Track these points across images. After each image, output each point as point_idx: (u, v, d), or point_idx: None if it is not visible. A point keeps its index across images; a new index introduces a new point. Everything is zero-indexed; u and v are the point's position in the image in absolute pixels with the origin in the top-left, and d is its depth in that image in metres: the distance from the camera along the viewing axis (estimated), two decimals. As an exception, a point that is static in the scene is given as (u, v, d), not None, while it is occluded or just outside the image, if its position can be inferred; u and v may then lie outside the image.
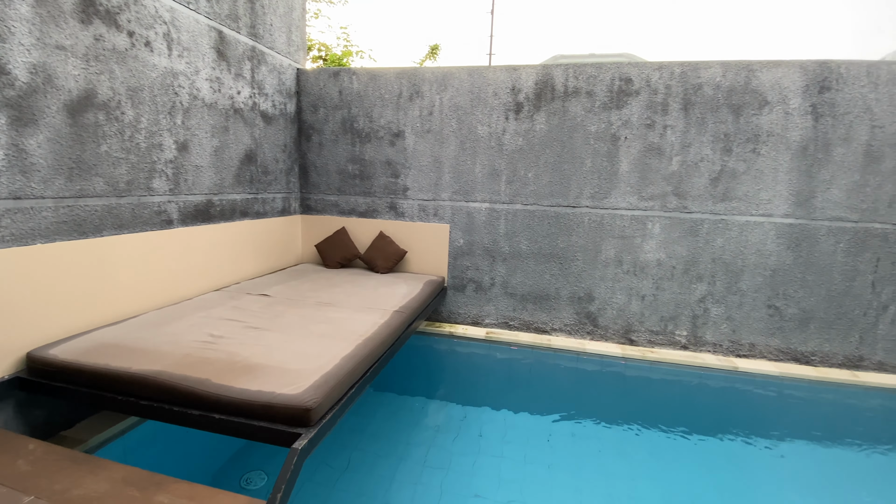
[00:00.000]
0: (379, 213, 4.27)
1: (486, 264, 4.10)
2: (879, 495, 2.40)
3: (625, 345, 3.89)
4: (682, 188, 3.64)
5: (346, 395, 1.92)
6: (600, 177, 3.77)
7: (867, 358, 3.53)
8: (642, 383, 3.58)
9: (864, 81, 3.27)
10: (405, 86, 4.03)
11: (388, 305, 2.93)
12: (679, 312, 3.79)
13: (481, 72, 3.87)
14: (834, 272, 3.48)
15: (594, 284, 3.91)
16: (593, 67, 3.66)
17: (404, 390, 3.35)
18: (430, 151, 4.06)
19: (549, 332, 4.07)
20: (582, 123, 3.74)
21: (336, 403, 1.83)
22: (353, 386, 2.00)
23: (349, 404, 1.96)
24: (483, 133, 3.93)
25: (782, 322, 3.61)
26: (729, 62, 3.44)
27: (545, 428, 2.90)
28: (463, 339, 3.97)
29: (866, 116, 3.29)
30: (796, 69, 3.34)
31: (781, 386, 3.43)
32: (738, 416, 3.19)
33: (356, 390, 2.01)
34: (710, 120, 3.51)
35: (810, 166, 3.40)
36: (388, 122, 4.12)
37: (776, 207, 3.50)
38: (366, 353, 2.13)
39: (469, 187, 4.03)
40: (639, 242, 3.78)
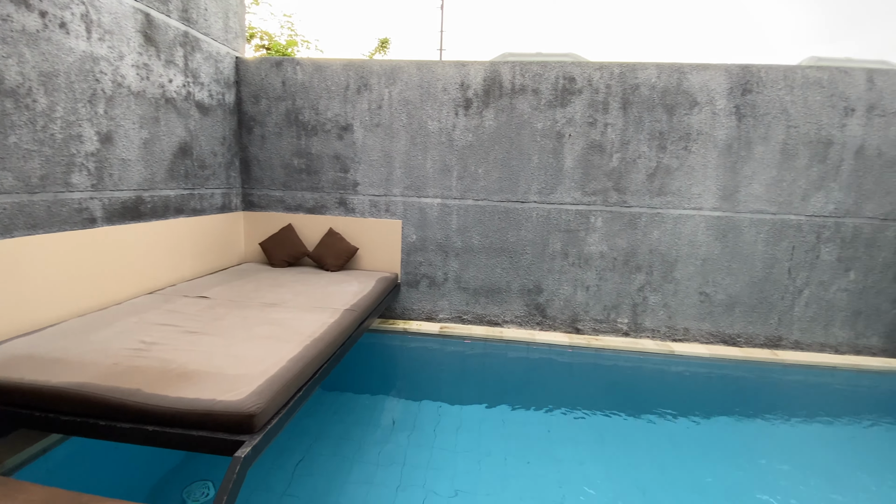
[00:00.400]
0: (328, 208, 4.16)
1: (439, 259, 4.11)
2: (797, 463, 2.66)
3: (571, 334, 4.05)
4: (621, 183, 3.82)
5: (294, 399, 1.85)
6: (547, 173, 3.88)
7: (785, 338, 3.90)
8: (588, 370, 3.74)
9: (781, 85, 3.58)
10: (352, 78, 3.94)
11: (339, 304, 2.87)
12: (620, 301, 3.99)
13: (430, 66, 3.85)
14: (756, 260, 3.80)
15: (542, 277, 4.03)
16: (539, 66, 3.74)
17: (358, 389, 3.29)
18: (380, 146, 4.00)
19: (501, 325, 4.15)
20: (529, 120, 3.82)
21: (282, 407, 1.77)
22: (302, 388, 1.93)
23: (297, 407, 1.90)
24: (433, 128, 3.92)
25: (712, 307, 3.91)
26: (663, 64, 3.64)
27: (499, 418, 2.97)
28: (417, 335, 3.97)
29: (783, 117, 3.61)
30: (722, 72, 3.60)
31: (712, 366, 3.71)
32: (675, 396, 3.42)
33: (304, 393, 1.95)
34: (646, 119, 3.71)
35: (735, 163, 3.69)
36: (336, 115, 4.00)
37: (705, 201, 3.76)
38: (314, 353, 2.07)
39: (421, 182, 4.01)
40: (583, 236, 3.93)
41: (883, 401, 3.44)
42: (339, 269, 4.00)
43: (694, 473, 2.48)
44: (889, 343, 3.82)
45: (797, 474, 2.50)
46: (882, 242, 3.68)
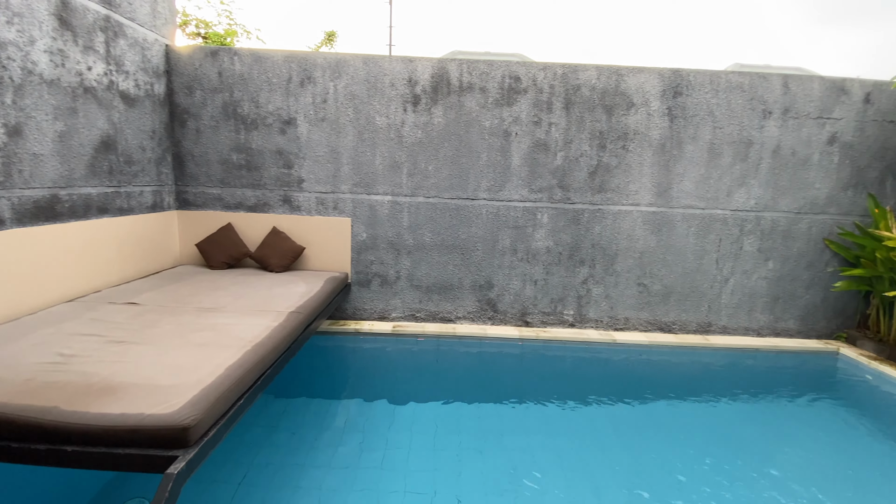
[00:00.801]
0: (271, 206, 3.98)
1: (391, 258, 4.06)
2: (727, 439, 2.88)
3: (521, 327, 4.16)
4: (565, 181, 3.96)
5: (234, 408, 1.76)
6: (495, 170, 3.94)
7: (714, 323, 4.21)
8: (538, 361, 3.85)
9: (707, 88, 3.85)
10: (295, 70, 3.79)
11: (284, 306, 2.76)
12: (566, 294, 4.14)
13: (377, 61, 3.79)
14: (687, 252, 4.08)
15: (493, 272, 4.10)
16: (485, 64, 3.79)
17: (308, 394, 3.19)
18: (326, 141, 3.88)
19: (454, 321, 4.18)
20: (477, 118, 3.86)
21: (221, 418, 1.67)
22: (243, 396, 1.84)
23: (238, 417, 1.80)
24: (382, 124, 3.86)
25: (649, 297, 4.15)
26: (602, 66, 3.80)
27: (453, 414, 2.98)
28: (369, 335, 3.90)
29: (709, 119, 3.88)
30: (655, 75, 3.81)
31: (650, 353, 3.94)
32: (618, 383, 3.61)
33: (247, 401, 1.85)
34: (587, 119, 3.86)
35: (667, 161, 3.93)
36: (278, 109, 3.84)
37: (642, 198, 3.98)
38: (256, 359, 1.97)
39: (370, 179, 3.94)
40: (530, 232, 4.04)
41: (799, 378, 3.81)
42: (285, 269, 3.85)
43: (635, 455, 2.63)
44: (803, 325, 4.23)
45: (728, 450, 2.72)
46: (796, 234, 4.07)
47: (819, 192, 4.00)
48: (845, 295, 4.19)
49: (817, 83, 3.85)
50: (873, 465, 2.68)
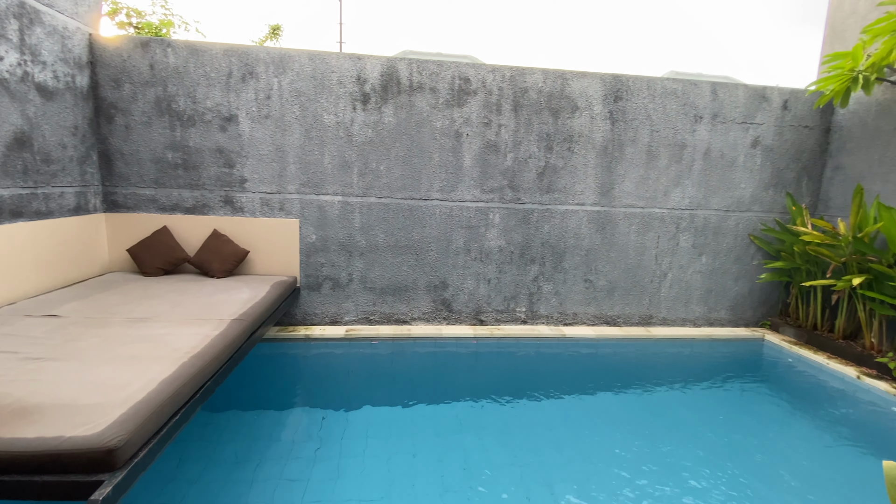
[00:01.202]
0: (211, 208, 3.77)
1: (342, 260, 3.96)
2: (672, 424, 3.05)
3: (476, 325, 4.20)
4: (515, 182, 4.04)
5: (169, 425, 1.64)
6: (447, 171, 3.95)
7: (655, 316, 4.46)
8: (492, 359, 3.91)
9: (645, 94, 4.06)
10: (235, 65, 3.61)
11: (226, 314, 2.61)
12: (518, 292, 4.23)
13: (324, 57, 3.68)
14: (629, 249, 4.29)
15: (447, 272, 4.11)
16: (435, 64, 3.79)
17: (255, 405, 3.04)
18: (270, 139, 3.72)
19: (409, 322, 4.15)
20: (428, 119, 3.85)
21: (154, 436, 1.55)
22: (179, 412, 1.72)
23: (174, 433, 1.68)
24: (330, 122, 3.76)
25: (595, 293, 4.32)
26: (548, 70, 3.91)
27: (409, 416, 2.95)
28: (321, 341, 3.79)
29: (647, 122, 4.10)
30: (598, 80, 3.98)
31: (598, 346, 4.11)
32: (568, 376, 3.72)
33: (184, 416, 1.73)
34: (535, 121, 3.96)
35: (610, 163, 4.11)
36: (217, 105, 3.64)
37: (587, 197, 4.14)
38: (193, 372, 1.85)
39: (319, 179, 3.82)
40: (483, 231, 4.09)
41: (731, 364, 4.11)
42: (228, 274, 3.66)
43: (586, 446, 2.72)
44: (733, 315, 4.57)
45: (671, 435, 2.88)
46: (725, 230, 4.39)
47: (744, 191, 4.34)
48: (769, 286, 4.57)
49: (742, 90, 4.17)
50: (793, 439, 2.94)
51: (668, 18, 55.20)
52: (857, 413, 3.23)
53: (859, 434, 2.96)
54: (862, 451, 2.77)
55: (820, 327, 4.17)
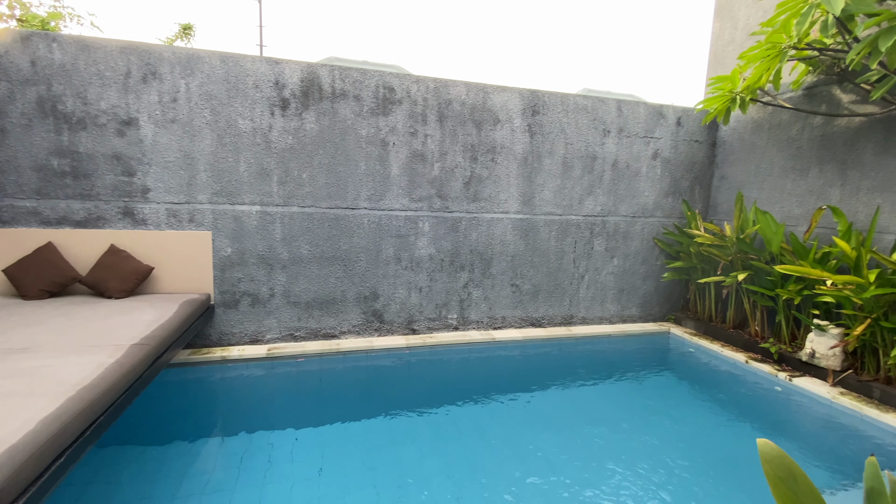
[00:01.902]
0: (107, 221, 3.37)
1: (262, 274, 3.74)
2: (598, 418, 3.23)
3: (409, 335, 4.17)
4: (443, 190, 4.10)
5: (53, 468, 1.42)
6: (375, 179, 3.91)
7: (575, 315, 4.74)
8: (425, 368, 3.89)
9: (559, 109, 4.34)
10: (135, 64, 3.29)
11: (124, 339, 2.34)
12: (449, 299, 4.28)
13: (238, 60, 3.48)
14: (550, 254, 4.53)
15: (378, 283, 4.04)
16: (358, 72, 3.74)
17: (163, 437, 2.74)
18: (177, 145, 3.43)
19: (338, 336, 4.01)
20: (353, 126, 3.79)
21: (34, 483, 1.33)
22: (65, 453, 1.50)
23: (60, 477, 1.46)
24: (246, 128, 3.55)
25: (521, 296, 4.50)
26: (470, 83, 4.04)
27: (340, 435, 2.83)
28: (239, 362, 3.53)
29: (562, 136, 4.38)
30: (517, 95, 4.18)
31: (525, 347, 4.27)
32: (499, 380, 3.82)
33: (70, 457, 1.51)
34: (460, 132, 4.06)
35: (530, 173, 4.33)
36: (113, 107, 3.28)
37: (511, 206, 4.32)
38: (83, 407, 1.62)
39: (234, 188, 3.58)
40: (413, 240, 4.09)
41: (642, 356, 4.48)
42: (128, 294, 3.29)
43: (518, 446, 2.80)
44: (643, 311, 5.00)
45: (593, 426, 3.05)
46: (633, 235, 4.80)
47: (648, 198, 4.79)
48: (671, 283, 5.07)
49: (643, 108, 4.62)
50: (696, 418, 3.26)
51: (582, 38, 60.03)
52: (746, 393, 3.67)
53: (748, 412, 3.36)
54: (752, 427, 3.15)
55: (715, 319, 4.70)
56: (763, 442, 0.93)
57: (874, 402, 3.14)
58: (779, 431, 3.11)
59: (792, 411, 3.39)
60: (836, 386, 3.40)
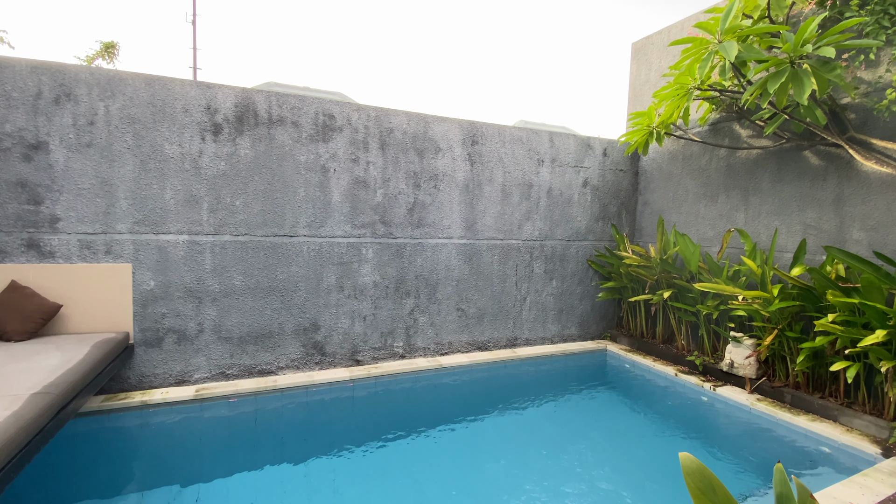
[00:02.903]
0: (7, 254, 3.01)
1: (190, 308, 3.48)
2: (544, 438, 3.27)
3: (352, 367, 4.03)
4: (387, 217, 4.09)
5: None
6: (315, 206, 3.82)
7: (519, 337, 4.83)
8: (370, 400, 3.77)
9: (497, 140, 4.53)
10: (47, 85, 3.03)
11: (23, 387, 2.06)
12: (395, 326, 4.21)
13: (165, 83, 3.32)
14: (493, 277, 4.63)
15: (319, 313, 3.90)
16: (296, 99, 3.70)
17: (70, 499, 2.41)
18: (93, 171, 3.16)
19: (276, 372, 3.79)
20: (291, 153, 3.71)
21: None
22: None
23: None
24: (173, 153, 3.36)
25: (467, 320, 4.53)
26: (411, 113, 4.12)
27: (276, 479, 2.64)
28: (163, 406, 3.21)
29: (500, 165, 4.56)
30: (456, 125, 4.32)
31: (472, 372, 4.27)
32: (446, 407, 3.78)
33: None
34: (402, 159, 4.10)
35: (472, 199, 4.45)
36: (19, 130, 2.99)
37: (454, 231, 4.39)
38: (-39, 471, 1.40)
39: (158, 216, 3.35)
40: (356, 267, 4.01)
41: (582, 373, 4.63)
42: (31, 336, 2.92)
43: (467, 474, 2.75)
44: (581, 330, 5.20)
45: (542, 446, 3.08)
46: (569, 257, 5.04)
47: (580, 223, 5.07)
48: (606, 303, 5.34)
49: (572, 139, 4.94)
50: (634, 432, 3.40)
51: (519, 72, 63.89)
52: (677, 404, 3.90)
53: (679, 423, 3.56)
54: (682, 437, 3.33)
55: (646, 335, 4.99)
56: (685, 456, 0.99)
57: (786, 406, 3.45)
58: (706, 439, 3.32)
59: (717, 419, 3.64)
60: (754, 393, 3.70)
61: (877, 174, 3.29)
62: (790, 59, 2.81)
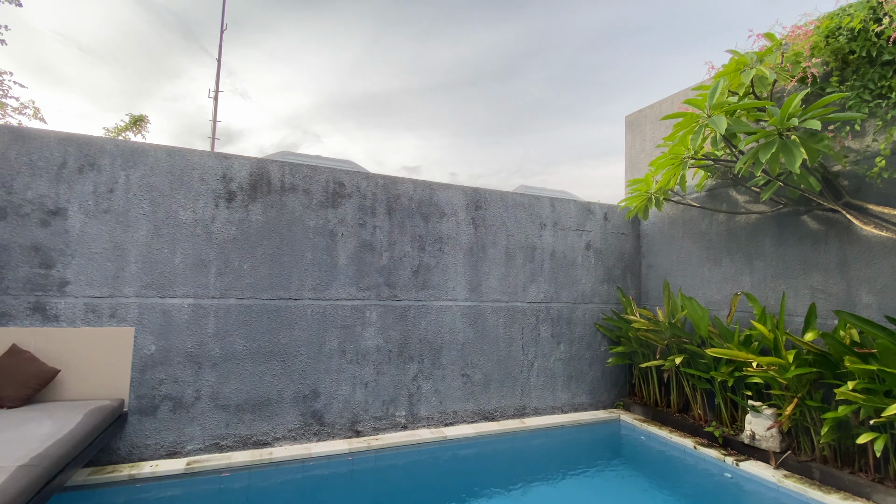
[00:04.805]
0: (12, 317, 3.01)
1: (188, 374, 3.40)
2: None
3: (352, 438, 3.83)
4: (392, 279, 4.11)
5: None
6: (321, 269, 3.86)
7: (527, 406, 4.63)
8: (369, 476, 3.54)
9: (500, 205, 4.66)
10: (72, 155, 3.21)
11: (10, 459, 1.96)
12: (398, 393, 4.06)
13: (185, 154, 3.51)
14: (499, 341, 4.54)
15: (319, 379, 3.79)
16: (309, 168, 3.88)
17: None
18: (108, 236, 3.25)
19: (272, 443, 3.61)
20: (301, 218, 3.82)
21: None
22: None
23: None
24: (187, 219, 3.47)
25: (473, 387, 4.38)
26: (417, 181, 4.29)
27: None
28: (151, 481, 3.03)
29: (503, 228, 4.65)
30: (460, 192, 4.48)
31: (479, 445, 4.04)
32: (451, 485, 3.53)
33: None
34: (408, 224, 4.21)
35: (476, 262, 4.48)
36: (40, 196, 3.12)
37: (459, 293, 4.38)
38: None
39: (166, 280, 3.38)
40: (360, 330, 3.96)
41: (595, 447, 4.37)
42: (25, 402, 2.83)
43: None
44: (592, 398, 4.99)
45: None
46: (576, 320, 4.96)
47: (585, 286, 5.06)
48: (616, 368, 5.17)
49: (573, 204, 5.07)
50: (655, 517, 3.13)
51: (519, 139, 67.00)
52: (699, 482, 3.63)
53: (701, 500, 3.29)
54: (707, 519, 3.06)
55: (660, 403, 4.77)
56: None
57: (816, 483, 3.21)
58: (735, 522, 3.05)
59: (743, 499, 3.37)
60: (780, 468, 3.46)
61: (878, 238, 3.32)
62: (778, 131, 2.96)
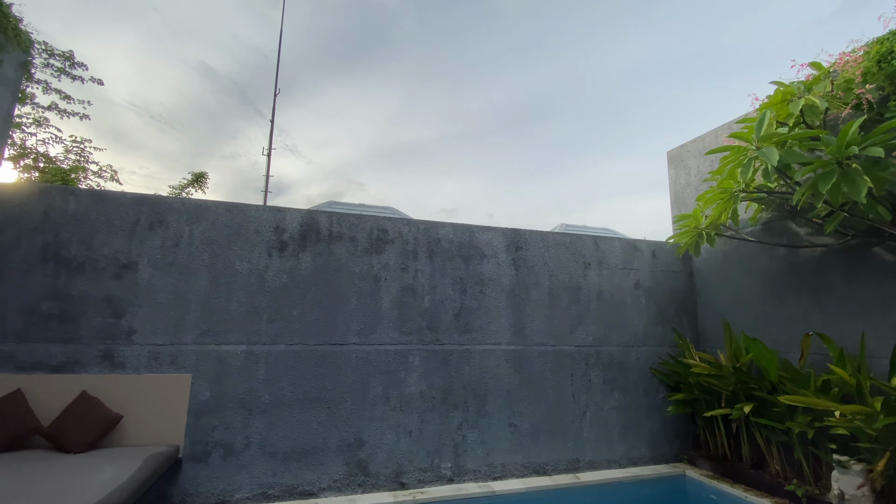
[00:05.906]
0: (84, 365, 3.24)
1: (239, 420, 3.47)
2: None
3: (396, 490, 3.71)
4: (434, 322, 4.10)
5: None
6: (365, 313, 3.93)
7: (581, 459, 4.33)
8: (415, 531, 3.38)
9: (541, 245, 4.62)
10: (144, 213, 3.54)
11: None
12: (442, 443, 3.93)
13: (242, 209, 3.78)
14: (547, 388, 4.34)
15: (363, 427, 3.76)
16: (355, 217, 4.05)
17: None
18: (172, 287, 3.49)
19: (317, 494, 3.56)
20: (346, 264, 3.95)
21: None
22: None
23: None
24: (242, 269, 3.68)
25: (521, 438, 4.17)
26: (457, 224, 4.37)
27: None
28: (200, 528, 3.05)
29: (546, 269, 4.58)
30: (500, 233, 4.49)
31: (530, 502, 3.79)
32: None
33: None
34: (448, 266, 4.24)
35: (518, 304, 4.41)
36: (115, 252, 3.42)
37: (502, 337, 4.29)
38: None
39: (222, 327, 3.55)
40: (403, 376, 3.93)
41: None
42: (90, 447, 2.98)
43: None
44: (652, 451, 4.60)
45: None
46: (629, 365, 4.69)
47: (637, 327, 4.81)
48: (678, 418, 4.77)
49: (618, 243, 4.94)
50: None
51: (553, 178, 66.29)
52: (784, 551, 3.19)
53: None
54: None
55: (730, 457, 4.31)
56: None
57: (932, 559, 2.73)
58: None
59: (843, 574, 2.91)
60: (883, 538, 2.99)
61: (971, 269, 2.98)
62: (836, 160, 2.80)
